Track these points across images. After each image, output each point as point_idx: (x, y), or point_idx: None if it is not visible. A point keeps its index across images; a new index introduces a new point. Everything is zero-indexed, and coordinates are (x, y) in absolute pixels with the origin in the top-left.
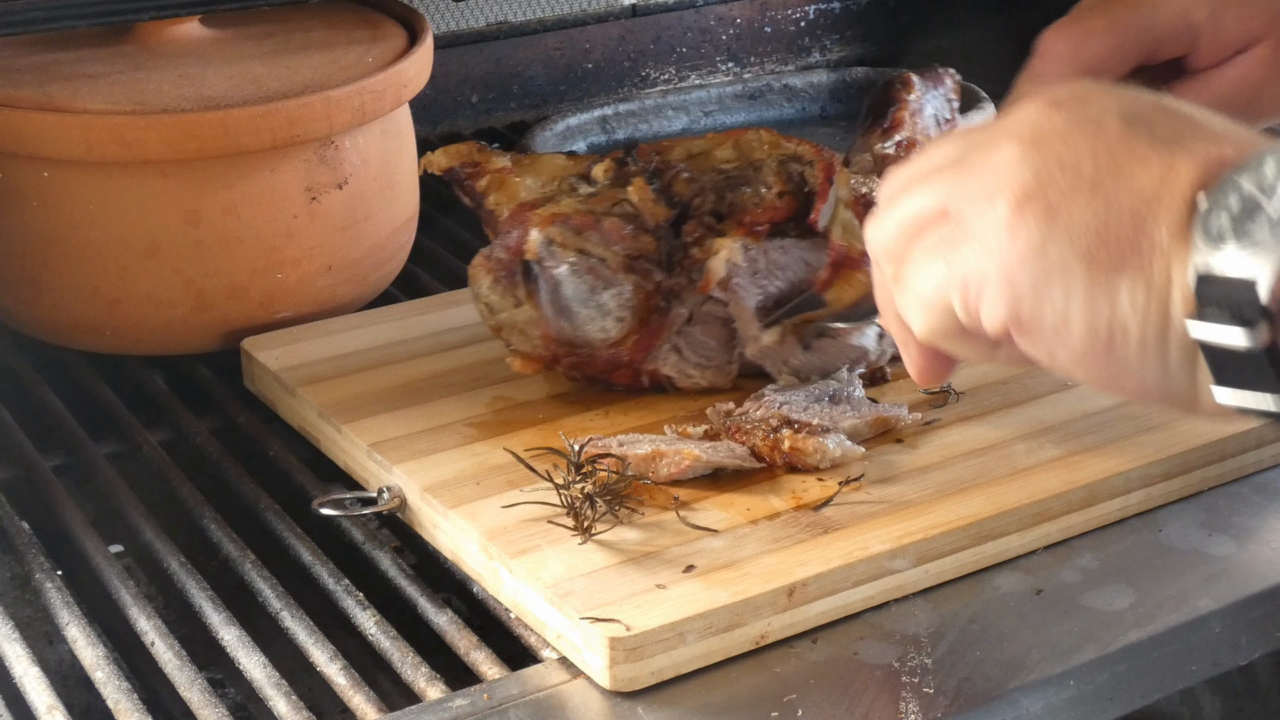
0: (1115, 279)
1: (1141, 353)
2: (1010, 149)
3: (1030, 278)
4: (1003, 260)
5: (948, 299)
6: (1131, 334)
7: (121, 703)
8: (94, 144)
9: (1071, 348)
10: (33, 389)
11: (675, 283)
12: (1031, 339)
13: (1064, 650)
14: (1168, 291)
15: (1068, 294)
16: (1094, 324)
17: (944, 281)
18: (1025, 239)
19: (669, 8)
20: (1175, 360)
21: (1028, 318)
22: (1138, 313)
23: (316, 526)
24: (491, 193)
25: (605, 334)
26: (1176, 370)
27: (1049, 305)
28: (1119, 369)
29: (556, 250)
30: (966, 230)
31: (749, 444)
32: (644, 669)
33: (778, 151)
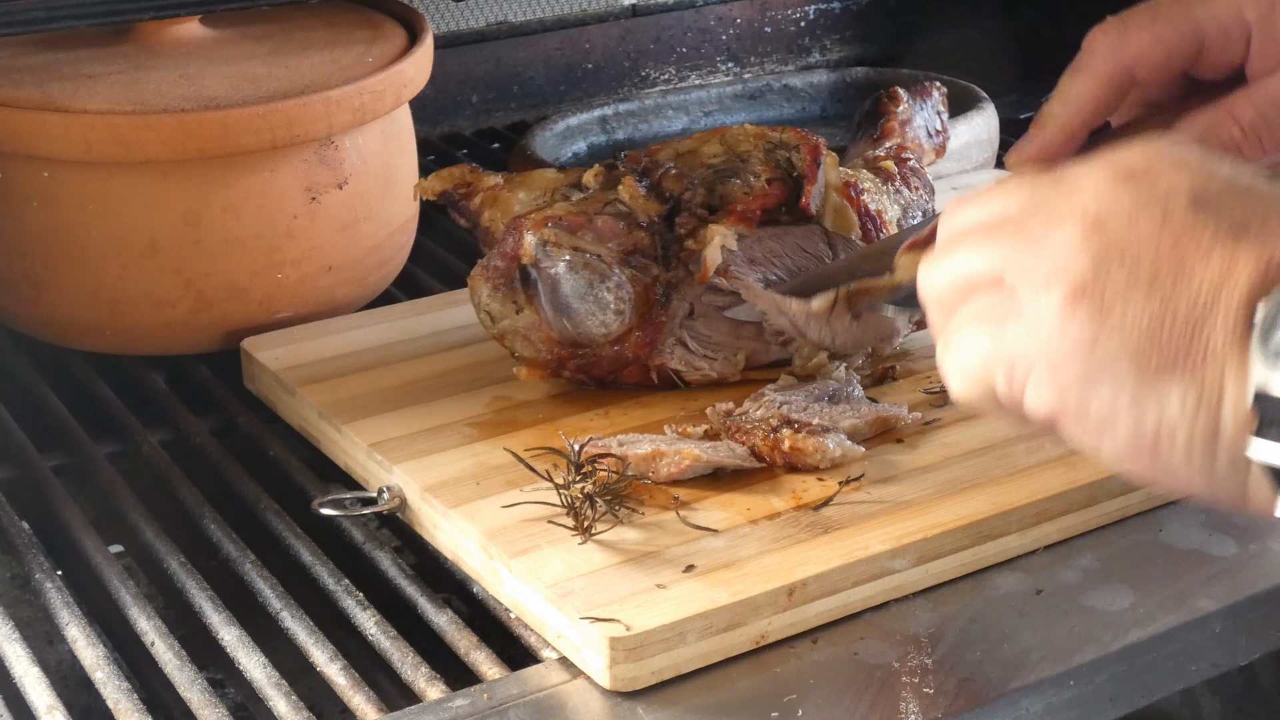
0: (1165, 382)
1: (1188, 457)
2: (1072, 230)
3: (1078, 372)
4: (1051, 350)
5: (991, 374)
6: (1179, 438)
7: (121, 703)
8: (94, 144)
9: (1117, 444)
10: (33, 389)
11: (673, 276)
12: (1077, 430)
13: (1064, 650)
14: (1219, 400)
15: (1116, 392)
16: (1141, 424)
17: (989, 357)
18: (1076, 332)
19: (669, 8)
20: (1224, 466)
21: (1074, 410)
22: (1186, 418)
23: (316, 526)
24: (485, 210)
25: (606, 329)
26: (1225, 475)
27: (1096, 401)
28: (1165, 469)
29: (551, 250)
30: (1018, 308)
31: (749, 444)
32: (644, 669)
33: (763, 141)
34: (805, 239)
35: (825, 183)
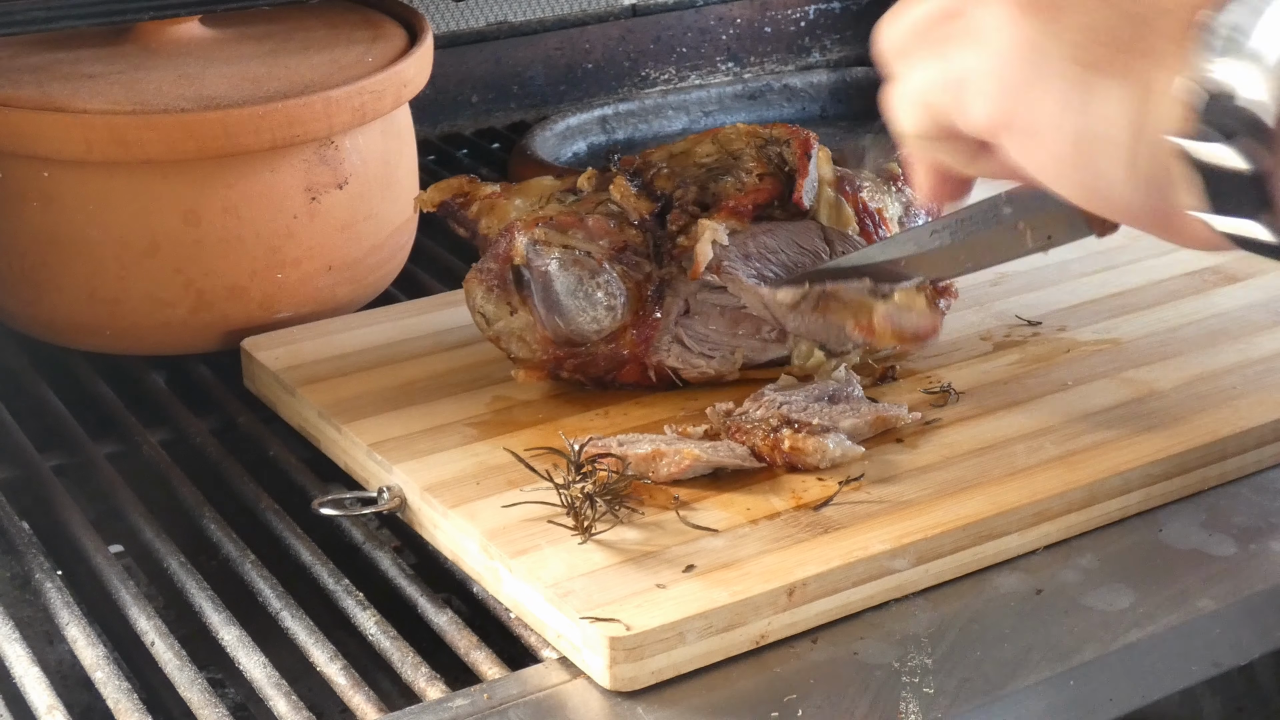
0: (1106, 82)
1: (1114, 163)
2: None
3: (1022, 75)
4: (998, 55)
5: (937, 96)
6: (1115, 140)
7: (121, 703)
8: (94, 144)
9: (1053, 151)
10: (33, 389)
11: (667, 273)
12: (1016, 140)
13: (1064, 650)
14: (1159, 99)
15: (1053, 95)
16: (1079, 127)
17: (938, 77)
18: (1024, 35)
19: (669, 8)
20: (1150, 175)
21: (1014, 116)
22: (1120, 119)
23: (316, 526)
24: (483, 218)
25: (598, 325)
26: (1151, 186)
27: (1037, 104)
28: (1099, 180)
29: (542, 249)
30: (969, 27)
31: (749, 444)
32: (644, 669)
33: (755, 139)
34: (801, 234)
35: (819, 177)
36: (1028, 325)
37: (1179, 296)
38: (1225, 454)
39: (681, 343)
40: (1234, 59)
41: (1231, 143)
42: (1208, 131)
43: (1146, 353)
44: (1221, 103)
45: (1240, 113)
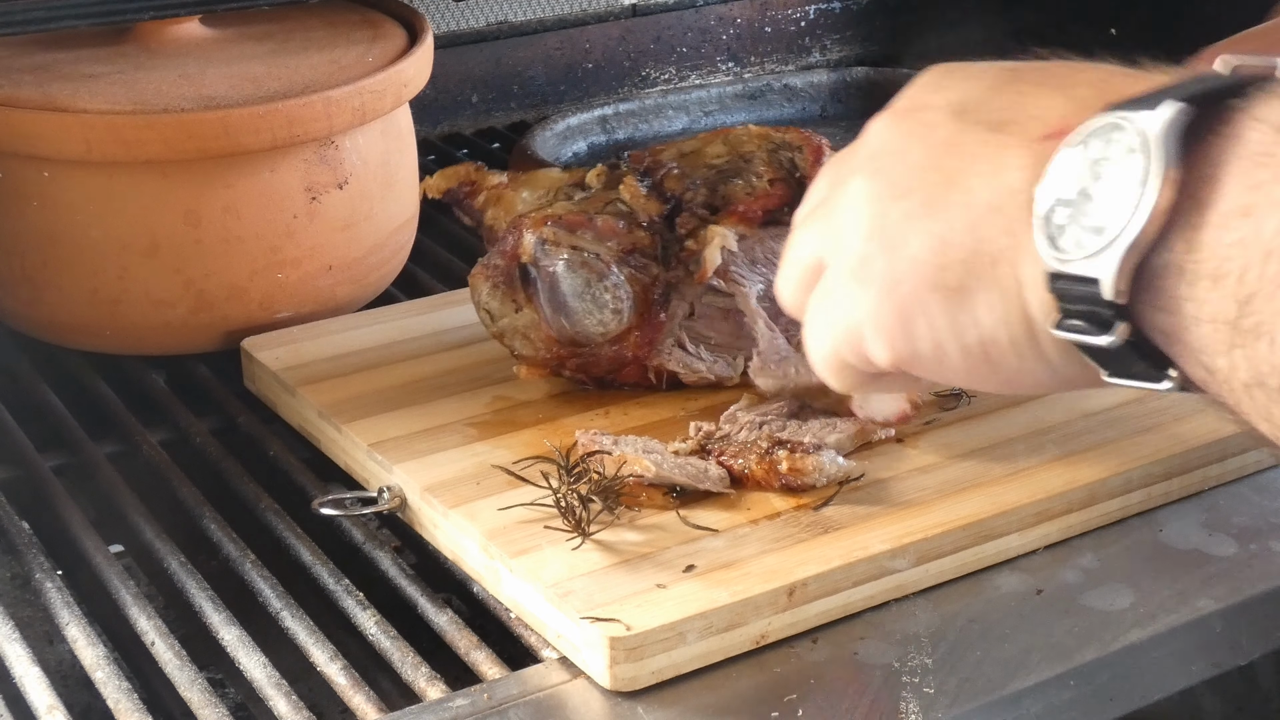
0: (968, 298)
1: (1019, 357)
2: (855, 183)
3: (893, 319)
4: (866, 308)
5: (843, 356)
6: (1002, 344)
7: (121, 703)
8: (94, 144)
9: (957, 370)
10: (33, 389)
11: (673, 276)
12: (923, 369)
13: (1064, 650)
14: (1020, 295)
15: (931, 324)
16: (965, 344)
17: (833, 341)
18: (877, 282)
19: (669, 8)
20: (1055, 357)
21: (907, 355)
22: (1000, 322)
23: (316, 526)
24: (489, 208)
25: (604, 328)
26: (1061, 364)
27: (919, 339)
28: (1010, 375)
29: (550, 249)
30: (835, 282)
31: (743, 467)
32: (644, 669)
33: (767, 142)
34: None
35: None
36: None
37: None
38: (1225, 454)
39: (683, 346)
40: (1063, 248)
41: (1092, 324)
42: (1071, 316)
43: None
44: (1068, 284)
45: (1084, 290)
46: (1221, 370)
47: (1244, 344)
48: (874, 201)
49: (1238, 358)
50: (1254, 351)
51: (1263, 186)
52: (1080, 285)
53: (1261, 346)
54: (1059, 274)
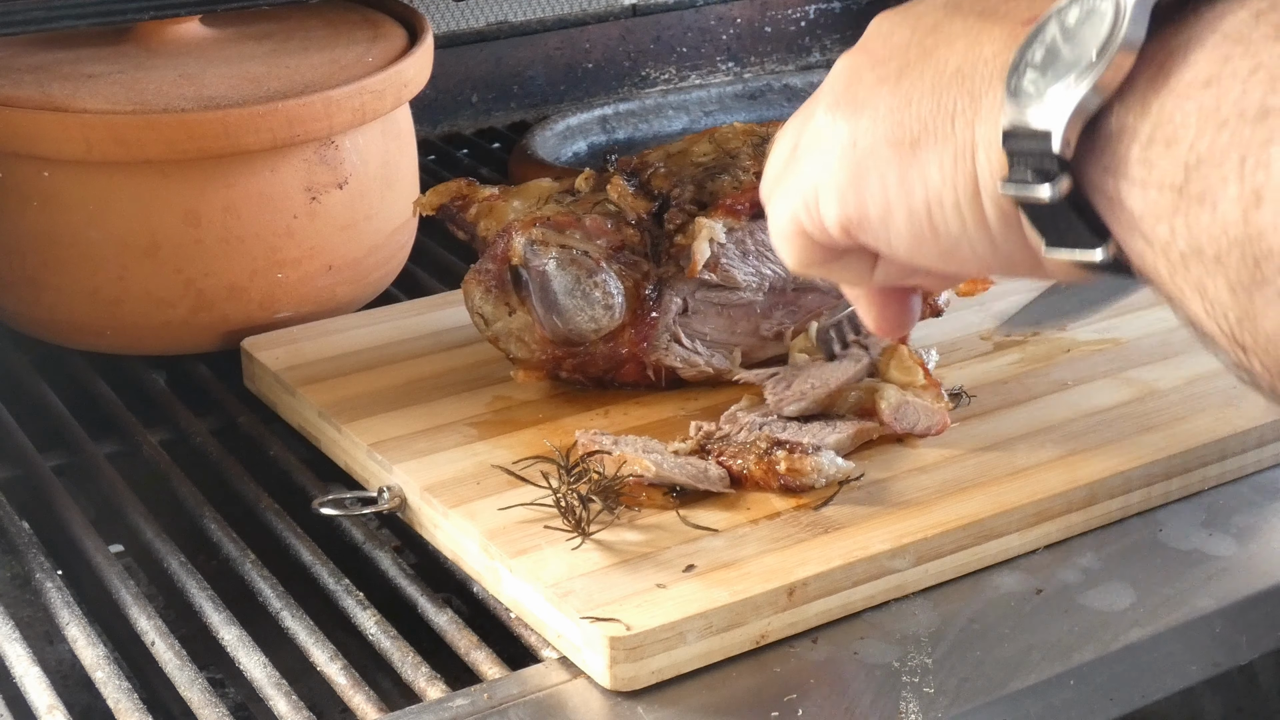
0: (921, 153)
1: (961, 222)
2: (840, 63)
3: (848, 174)
4: (824, 165)
5: (799, 223)
6: (947, 204)
7: (121, 703)
8: (94, 144)
9: (901, 234)
10: (33, 389)
11: (664, 271)
12: (868, 236)
13: (1064, 650)
14: (972, 153)
15: (883, 180)
16: (911, 204)
17: (791, 208)
18: (838, 139)
19: (669, 8)
20: (997, 224)
21: (856, 215)
22: (948, 182)
23: (316, 526)
24: (481, 219)
25: (596, 324)
26: (1002, 234)
27: (869, 197)
28: (950, 245)
29: (539, 249)
30: (802, 152)
31: (741, 467)
32: (644, 668)
33: (752, 137)
34: None
35: None
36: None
37: None
38: (1225, 454)
39: (680, 341)
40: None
41: (1037, 177)
42: (1018, 171)
43: (1146, 353)
44: (1020, 139)
45: (1035, 144)
46: (1160, 239)
47: (1187, 211)
48: (851, 72)
49: (1179, 225)
50: (1195, 219)
51: (1230, 60)
52: (1031, 140)
53: (1204, 214)
54: (1013, 129)
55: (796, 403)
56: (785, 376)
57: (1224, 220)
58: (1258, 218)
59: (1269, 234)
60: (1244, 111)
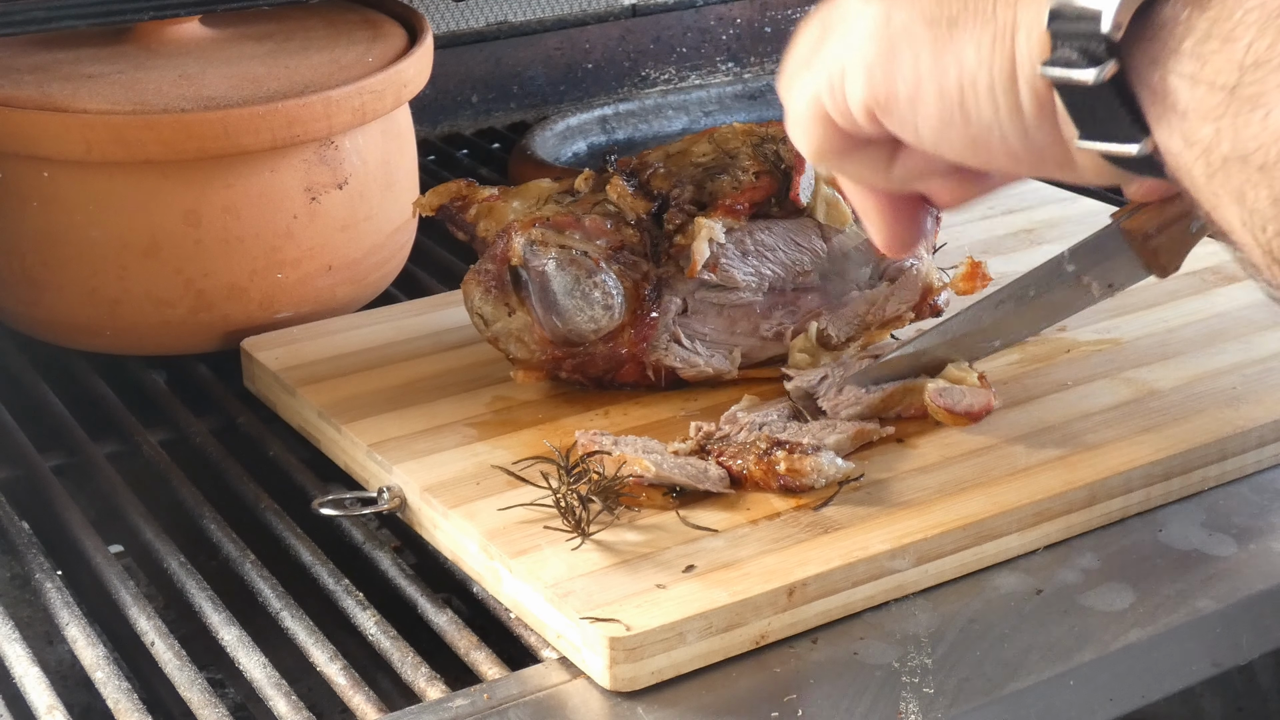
0: (958, 34)
1: (994, 106)
2: None
3: (881, 49)
4: (858, 41)
5: (821, 105)
6: (981, 87)
7: (121, 703)
8: (94, 144)
9: (929, 117)
10: (33, 389)
11: (664, 272)
12: (894, 118)
13: (1064, 650)
14: (1012, 35)
15: (916, 59)
16: (944, 85)
17: (814, 87)
18: (872, 15)
19: (669, 8)
20: (1031, 111)
21: (884, 94)
22: (984, 63)
23: (316, 526)
24: (481, 220)
25: (596, 324)
26: (1035, 122)
27: (900, 75)
28: (979, 131)
29: (538, 249)
30: (831, 34)
31: (741, 467)
32: (644, 669)
33: (751, 137)
34: (798, 231)
35: (815, 175)
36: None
37: (1179, 296)
38: (1225, 454)
39: (679, 341)
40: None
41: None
42: (1062, 53)
43: (1146, 353)
44: (1067, 21)
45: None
46: (1203, 140)
47: (1237, 113)
48: None
49: (1226, 126)
50: (1245, 121)
51: None
52: (1080, 22)
53: (1255, 117)
54: (1060, 9)
55: (851, 407)
56: (835, 381)
57: (1276, 128)
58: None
59: None
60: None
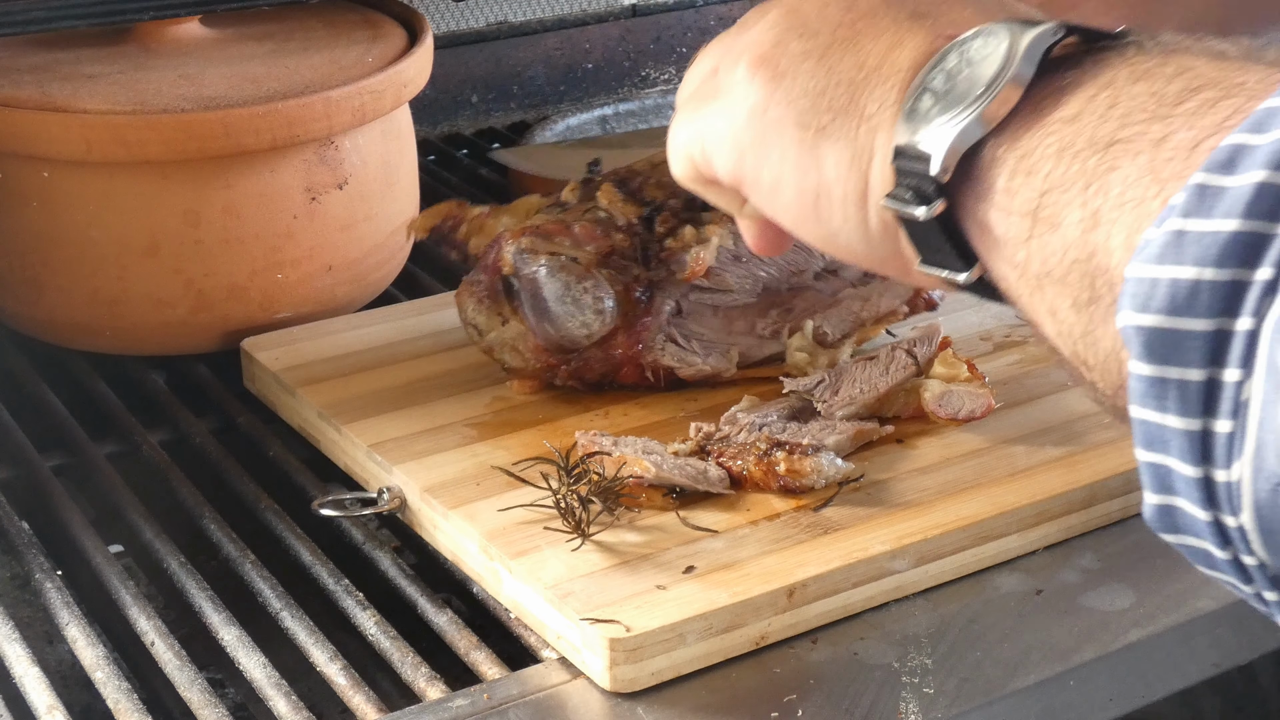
0: (823, 144)
1: (845, 218)
2: (771, 13)
3: (752, 136)
4: (733, 117)
5: (693, 154)
6: (835, 198)
7: (121, 703)
8: (94, 144)
9: (786, 207)
10: (33, 389)
11: (655, 275)
12: (754, 194)
13: (1064, 650)
14: (869, 161)
15: (782, 155)
16: (802, 185)
17: (691, 134)
18: (753, 98)
19: (669, 8)
20: (876, 229)
21: (748, 174)
22: (840, 179)
23: (316, 526)
24: (472, 237)
25: (588, 329)
26: (879, 239)
27: (765, 165)
28: (828, 232)
29: (529, 257)
30: (719, 87)
31: (741, 468)
32: (644, 670)
33: None
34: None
35: None
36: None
37: None
38: None
39: (676, 341)
40: (915, 120)
41: (915, 197)
42: (900, 188)
43: None
44: (906, 160)
45: (917, 165)
46: (1020, 264)
47: (1039, 234)
48: (780, 30)
49: (1033, 248)
50: (1045, 241)
51: (1094, 99)
52: (915, 161)
53: (1053, 237)
54: (903, 147)
55: (846, 407)
56: (831, 383)
57: (1066, 241)
58: (1094, 237)
59: (1100, 253)
60: (1094, 142)
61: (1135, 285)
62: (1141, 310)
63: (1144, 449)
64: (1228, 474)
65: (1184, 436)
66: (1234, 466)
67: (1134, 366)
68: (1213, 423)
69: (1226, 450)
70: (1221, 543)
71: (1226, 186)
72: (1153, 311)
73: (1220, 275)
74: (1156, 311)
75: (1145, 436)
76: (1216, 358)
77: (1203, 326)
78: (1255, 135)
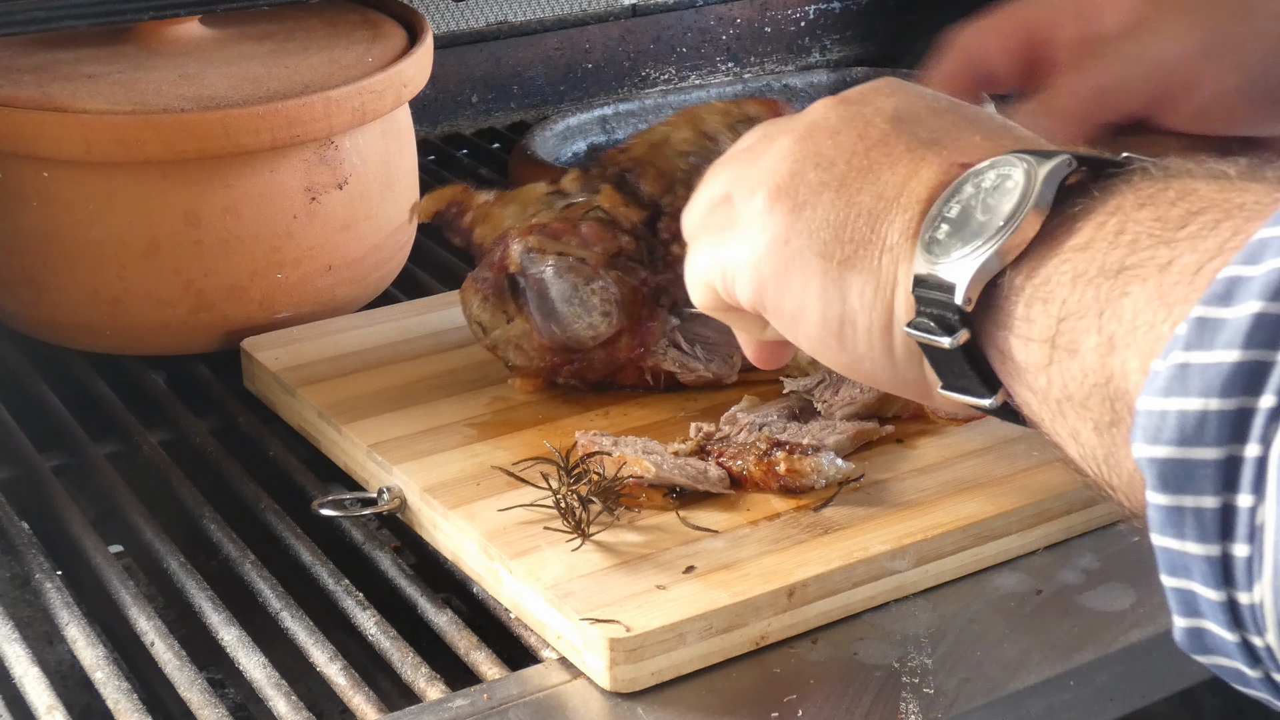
0: (847, 274)
1: (869, 346)
2: (783, 142)
3: (775, 267)
4: (754, 248)
5: (713, 283)
6: (859, 327)
7: (121, 703)
8: (94, 144)
9: (809, 335)
10: (33, 389)
11: (661, 278)
12: (776, 320)
13: (1064, 650)
14: (893, 290)
15: (805, 284)
16: (826, 315)
17: (711, 263)
18: (773, 229)
19: (669, 8)
20: (901, 356)
21: (771, 303)
22: (865, 309)
23: (316, 526)
24: (477, 226)
25: (594, 330)
26: (903, 365)
27: (788, 294)
28: (852, 359)
29: (536, 256)
30: (734, 217)
31: (741, 468)
32: (644, 670)
33: (729, 118)
34: None
35: None
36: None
37: None
38: None
39: (678, 346)
40: (935, 251)
41: (939, 327)
42: (923, 318)
43: None
44: (928, 289)
45: (940, 295)
46: (1040, 388)
47: (1058, 360)
48: (796, 160)
49: (1054, 373)
50: (1065, 367)
51: (1104, 227)
52: (938, 290)
53: (1072, 363)
54: (924, 277)
55: (847, 407)
56: (831, 383)
57: (1085, 366)
58: (1111, 361)
59: (1118, 377)
60: (1105, 269)
61: (1145, 418)
62: (1153, 442)
63: (1168, 575)
64: (1250, 596)
65: (1204, 562)
66: (1255, 589)
67: (1151, 496)
68: (1231, 547)
69: (1246, 573)
70: (1252, 662)
71: (1225, 318)
72: (1164, 443)
73: (1226, 404)
74: (1167, 443)
75: (1168, 563)
76: (1229, 484)
77: (1213, 455)
78: (1249, 267)
